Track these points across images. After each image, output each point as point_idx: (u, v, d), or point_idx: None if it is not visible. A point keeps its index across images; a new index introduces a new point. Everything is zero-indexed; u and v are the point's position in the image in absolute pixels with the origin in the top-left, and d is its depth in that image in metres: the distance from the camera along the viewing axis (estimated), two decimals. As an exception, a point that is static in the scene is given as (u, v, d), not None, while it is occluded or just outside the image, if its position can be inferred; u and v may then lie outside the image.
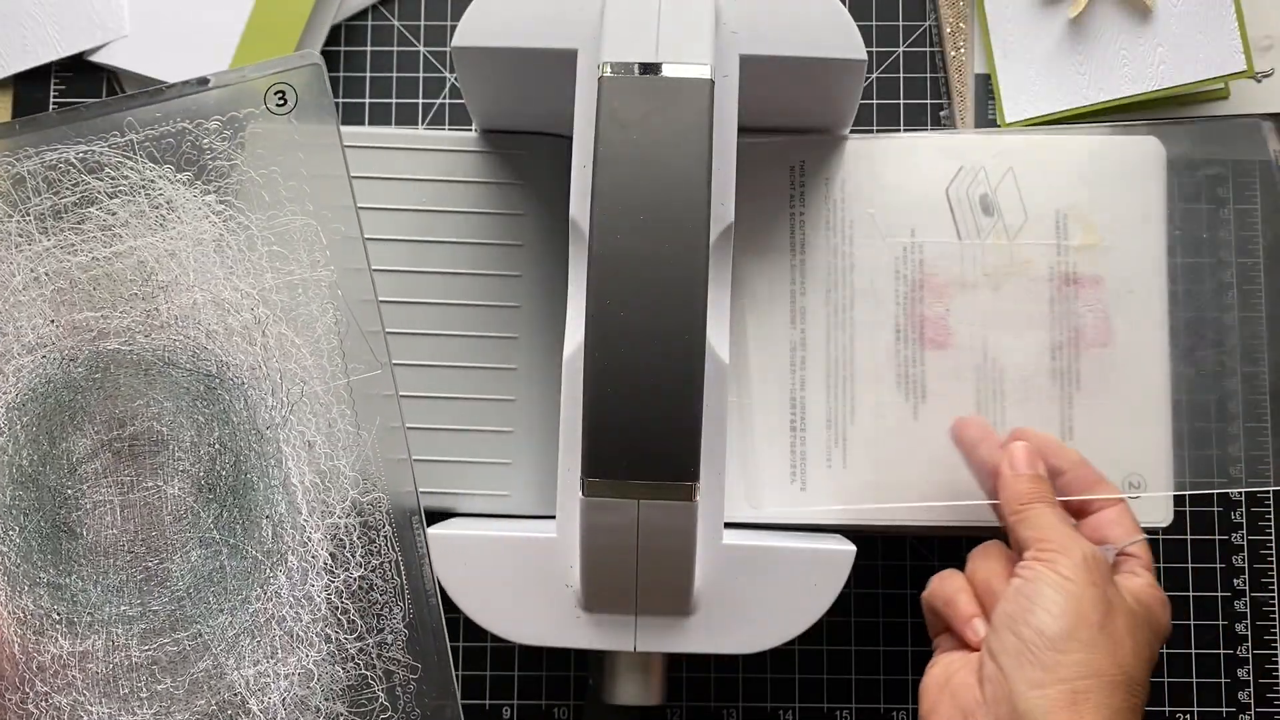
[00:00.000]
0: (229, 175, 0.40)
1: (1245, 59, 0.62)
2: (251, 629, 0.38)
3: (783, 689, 0.61)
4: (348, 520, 0.41)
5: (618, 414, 0.44)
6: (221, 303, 0.40)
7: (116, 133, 0.40)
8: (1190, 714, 0.61)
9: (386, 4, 0.65)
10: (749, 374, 0.56)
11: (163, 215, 0.40)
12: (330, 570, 0.40)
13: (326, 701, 0.39)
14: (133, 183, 0.40)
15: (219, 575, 0.39)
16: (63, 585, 0.38)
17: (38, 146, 0.40)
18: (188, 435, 0.39)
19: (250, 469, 0.39)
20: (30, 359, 0.39)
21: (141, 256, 0.40)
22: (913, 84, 0.65)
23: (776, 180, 0.56)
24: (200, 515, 0.39)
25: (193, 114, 0.40)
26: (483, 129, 0.58)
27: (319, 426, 0.40)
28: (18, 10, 0.64)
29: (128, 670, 0.37)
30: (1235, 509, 0.62)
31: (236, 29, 0.63)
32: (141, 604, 0.38)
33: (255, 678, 0.38)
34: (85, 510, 0.39)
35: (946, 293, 0.56)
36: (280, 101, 0.41)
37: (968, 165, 0.56)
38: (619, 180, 0.44)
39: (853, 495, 0.55)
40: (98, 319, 0.40)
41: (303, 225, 0.41)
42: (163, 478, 0.39)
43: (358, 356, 0.41)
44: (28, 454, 0.38)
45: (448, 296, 0.57)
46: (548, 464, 0.56)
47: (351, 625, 0.40)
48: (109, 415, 0.39)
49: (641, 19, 0.47)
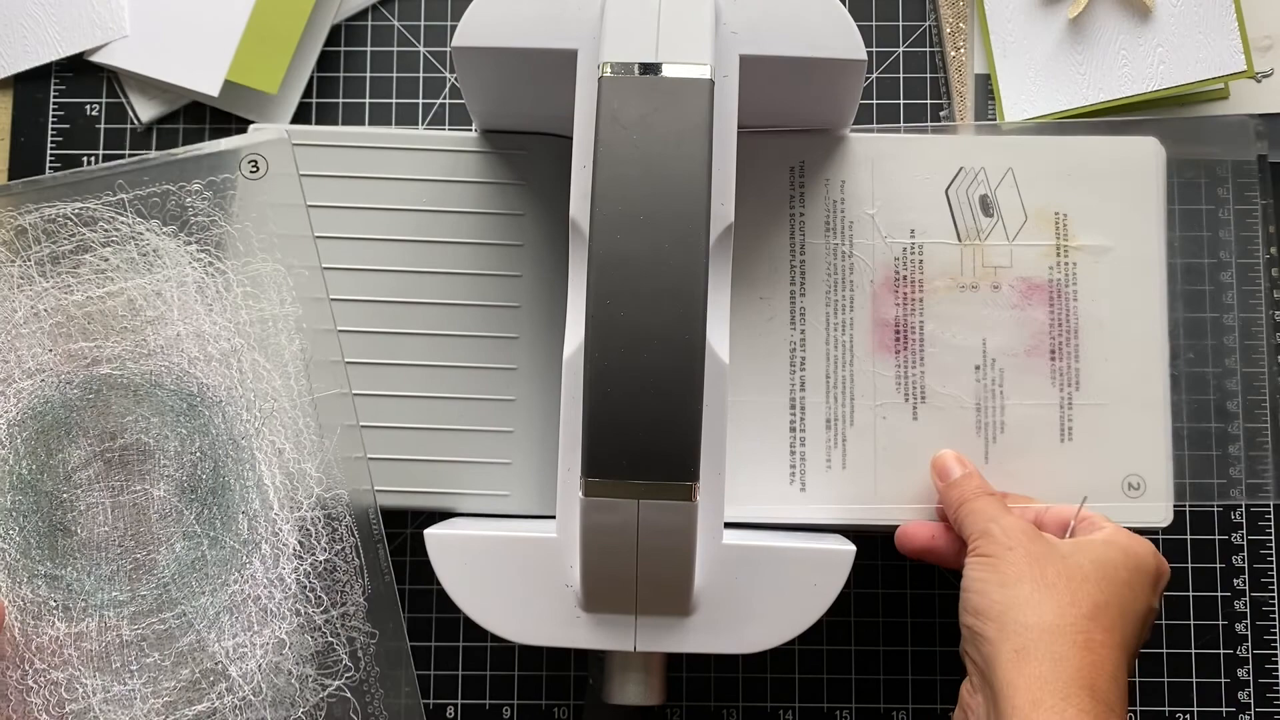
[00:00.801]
0: (209, 229, 0.47)
1: (1245, 59, 0.62)
2: (230, 607, 0.45)
3: (783, 689, 0.61)
4: (313, 513, 0.47)
5: (618, 414, 0.44)
6: (202, 334, 0.46)
7: (109, 192, 0.47)
8: (1190, 714, 0.61)
9: (386, 4, 0.65)
10: (749, 374, 0.56)
11: (150, 261, 0.47)
12: (299, 555, 0.46)
13: (298, 665, 0.46)
14: (123, 234, 0.47)
15: (201, 563, 0.45)
16: (59, 576, 0.44)
17: (38, 203, 0.47)
18: (172, 445, 0.46)
19: (228, 473, 0.46)
20: (30, 382, 0.45)
21: (131, 295, 0.46)
22: (913, 84, 0.65)
23: (776, 180, 0.56)
24: (184, 513, 0.45)
25: (176, 177, 0.47)
26: (483, 129, 0.58)
27: (287, 436, 0.47)
28: (18, 10, 0.64)
29: (119, 647, 0.44)
30: (1235, 509, 0.62)
31: (236, 29, 0.63)
32: (131, 590, 0.44)
33: (234, 648, 0.45)
34: (79, 511, 0.45)
35: (946, 293, 0.56)
36: (254, 169, 0.48)
37: (968, 166, 0.56)
38: (619, 180, 0.44)
39: (852, 497, 0.55)
40: (92, 348, 0.46)
41: (272, 270, 0.47)
42: (150, 482, 0.45)
43: (320, 376, 0.47)
44: (27, 464, 0.45)
45: (448, 296, 0.57)
46: (548, 464, 0.56)
47: (318, 600, 0.46)
48: (101, 429, 0.45)
49: (641, 19, 0.47)
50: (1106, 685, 0.44)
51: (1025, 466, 0.55)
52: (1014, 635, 0.45)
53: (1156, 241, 0.56)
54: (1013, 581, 0.46)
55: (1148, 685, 0.61)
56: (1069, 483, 0.55)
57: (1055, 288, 0.56)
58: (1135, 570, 0.48)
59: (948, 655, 0.61)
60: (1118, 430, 0.55)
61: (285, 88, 0.64)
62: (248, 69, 0.62)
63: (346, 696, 0.46)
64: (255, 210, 0.48)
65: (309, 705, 0.45)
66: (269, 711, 0.45)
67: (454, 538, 0.50)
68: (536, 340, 0.57)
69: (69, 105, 0.65)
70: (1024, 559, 0.47)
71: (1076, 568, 0.47)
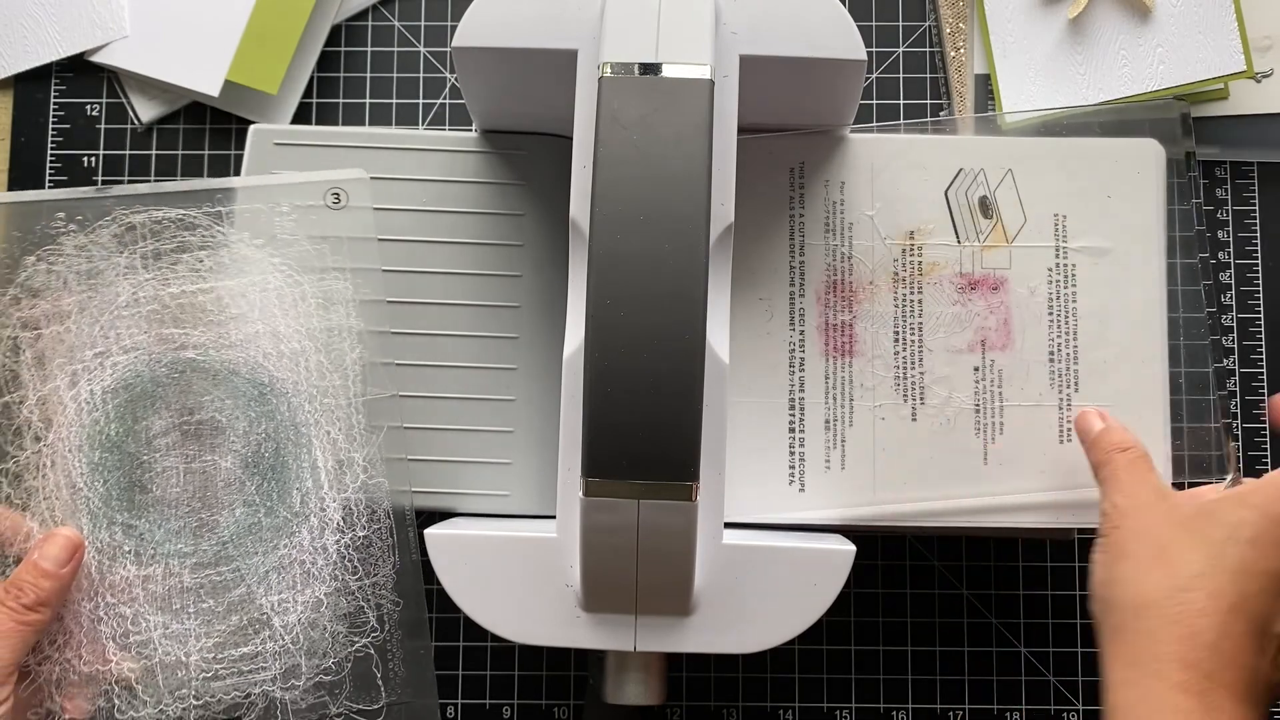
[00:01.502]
0: (291, 246, 0.54)
1: (1245, 59, 0.62)
2: (278, 567, 0.52)
3: (783, 689, 0.61)
4: (356, 495, 0.53)
5: (618, 414, 0.44)
6: (277, 334, 0.53)
7: (209, 204, 0.54)
8: (1189, 714, 0.61)
9: (386, 4, 0.65)
10: (749, 375, 0.56)
11: (239, 267, 0.54)
12: (341, 530, 0.53)
13: (331, 623, 0.52)
14: (218, 241, 0.54)
15: (256, 528, 0.52)
16: (133, 526, 0.52)
17: (147, 206, 0.54)
18: (241, 425, 0.53)
19: (287, 454, 0.53)
20: (125, 358, 0.52)
21: (220, 294, 0.53)
22: (913, 84, 0.65)
23: (776, 180, 0.56)
24: (245, 484, 0.52)
25: (267, 199, 0.54)
26: (483, 129, 0.58)
27: (340, 428, 0.53)
28: (18, 10, 0.64)
29: (180, 592, 0.51)
30: (1234, 509, 0.62)
31: (237, 29, 0.63)
32: (194, 544, 0.52)
33: (278, 603, 0.52)
34: (156, 472, 0.52)
35: (945, 294, 0.56)
36: (335, 200, 0.55)
37: (967, 167, 0.56)
38: (619, 180, 0.44)
39: (851, 497, 0.55)
40: (181, 334, 0.53)
41: (341, 289, 0.54)
42: (219, 454, 0.52)
43: (374, 381, 0.54)
44: (115, 427, 0.52)
45: (448, 296, 0.57)
46: (548, 464, 0.56)
47: (354, 569, 0.53)
48: (181, 404, 0.52)
49: (641, 19, 0.47)
50: (1204, 654, 0.43)
51: (1024, 467, 0.55)
52: (1112, 614, 0.45)
53: (1156, 242, 0.56)
54: (1114, 560, 0.46)
55: (1147, 685, 0.61)
56: (1068, 483, 0.55)
57: (1054, 289, 0.56)
58: (1270, 525, 0.45)
59: (948, 655, 0.61)
60: (1117, 430, 0.55)
61: (285, 88, 0.64)
62: (248, 69, 0.62)
63: (370, 653, 0.53)
64: (333, 236, 0.54)
65: (338, 657, 0.52)
66: (303, 659, 0.52)
67: (454, 538, 0.50)
68: (536, 340, 0.57)
69: (69, 105, 0.65)
70: (1128, 536, 0.47)
71: (1187, 535, 0.45)
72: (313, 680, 0.52)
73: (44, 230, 0.53)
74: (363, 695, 0.53)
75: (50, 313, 0.53)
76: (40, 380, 0.52)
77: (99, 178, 0.64)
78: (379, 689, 0.53)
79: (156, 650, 0.51)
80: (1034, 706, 0.61)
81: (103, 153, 0.64)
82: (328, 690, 0.52)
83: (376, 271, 0.55)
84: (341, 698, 0.52)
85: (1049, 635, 0.61)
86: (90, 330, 0.52)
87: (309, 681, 0.52)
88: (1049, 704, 0.61)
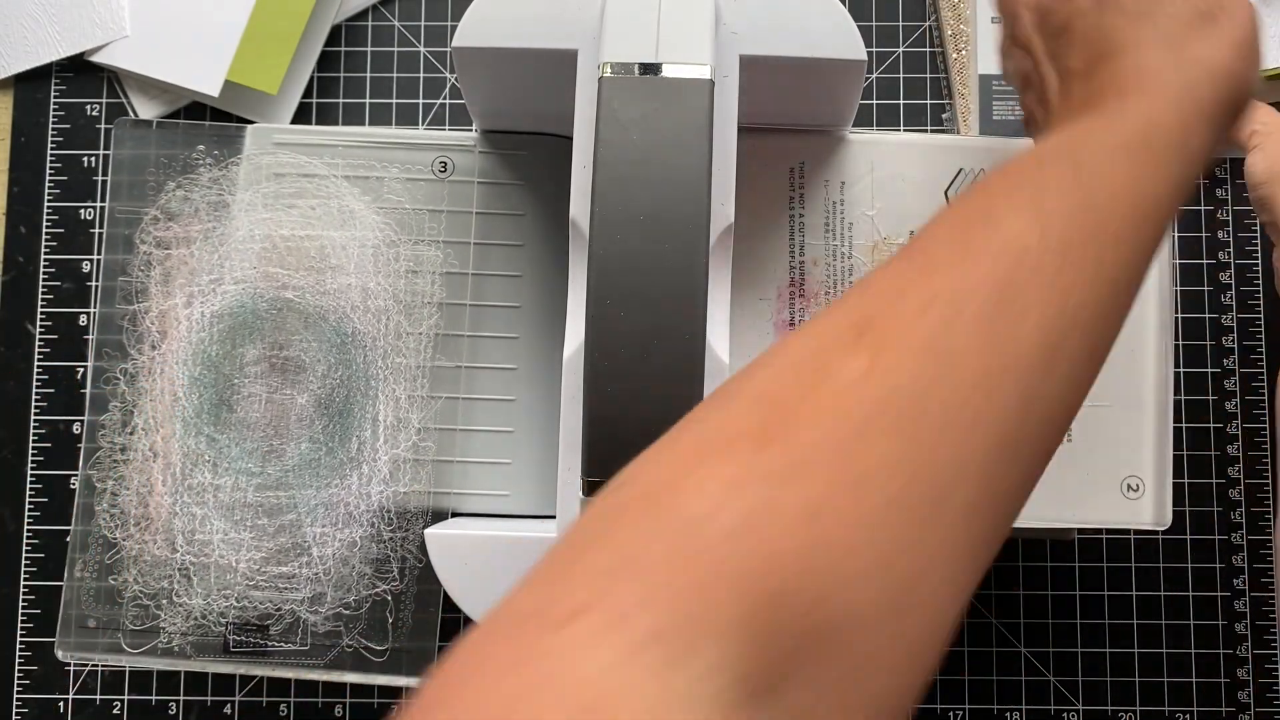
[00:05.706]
0: (395, 210, 0.57)
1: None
2: (326, 504, 0.56)
3: (782, 689, 0.61)
4: (406, 454, 0.57)
5: (618, 414, 0.44)
6: (367, 290, 0.57)
7: (330, 157, 0.58)
8: (1190, 714, 0.61)
9: (386, 4, 0.65)
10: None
11: (345, 220, 0.57)
12: (386, 482, 0.56)
13: (360, 564, 0.56)
14: (330, 192, 0.57)
15: (315, 464, 0.56)
16: (216, 439, 0.56)
17: (275, 151, 0.58)
18: (320, 368, 0.57)
19: (354, 403, 0.57)
20: (235, 288, 0.56)
21: (323, 243, 0.57)
22: (913, 84, 0.65)
23: (776, 180, 0.56)
24: (314, 422, 0.57)
25: (376, 163, 0.58)
26: (483, 129, 0.58)
27: (405, 389, 0.57)
28: (18, 10, 0.64)
29: (242, 506, 0.56)
30: (1235, 509, 0.62)
31: (237, 29, 0.63)
32: (261, 467, 0.56)
33: (320, 535, 0.56)
34: (242, 396, 0.56)
35: (946, 293, 0.56)
36: (442, 168, 0.58)
37: (968, 167, 0.56)
38: (619, 180, 0.44)
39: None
40: (284, 275, 0.56)
41: (431, 256, 0.58)
42: (297, 390, 0.57)
43: (443, 351, 0.58)
44: (215, 348, 0.56)
45: (448, 296, 0.57)
46: (548, 464, 0.56)
47: (389, 520, 0.56)
48: (273, 339, 0.57)
49: (641, 19, 0.47)
50: None
51: (1025, 467, 0.55)
52: None
53: (1156, 242, 0.56)
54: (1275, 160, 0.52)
55: (1148, 685, 0.61)
56: (1068, 484, 0.55)
57: (1055, 288, 0.56)
58: None
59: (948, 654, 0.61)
60: (1117, 431, 0.55)
61: (285, 88, 0.64)
62: (248, 69, 0.62)
63: (387, 599, 0.57)
64: (434, 205, 0.57)
65: (359, 595, 0.56)
66: (330, 590, 0.56)
67: (454, 538, 0.50)
68: (536, 340, 0.57)
69: (69, 105, 0.65)
70: None
71: None
72: (334, 610, 0.56)
73: (188, 159, 0.59)
74: (374, 635, 0.57)
75: (180, 236, 0.58)
76: (163, 296, 0.57)
77: (100, 176, 0.64)
78: (388, 634, 0.57)
79: (215, 551, 0.55)
80: (1034, 706, 0.61)
81: (102, 153, 0.64)
82: (345, 622, 0.57)
83: (467, 245, 0.57)
84: (355, 632, 0.57)
85: (1049, 635, 0.61)
86: (210, 258, 0.57)
87: (330, 611, 0.56)
88: (1049, 704, 0.61)
